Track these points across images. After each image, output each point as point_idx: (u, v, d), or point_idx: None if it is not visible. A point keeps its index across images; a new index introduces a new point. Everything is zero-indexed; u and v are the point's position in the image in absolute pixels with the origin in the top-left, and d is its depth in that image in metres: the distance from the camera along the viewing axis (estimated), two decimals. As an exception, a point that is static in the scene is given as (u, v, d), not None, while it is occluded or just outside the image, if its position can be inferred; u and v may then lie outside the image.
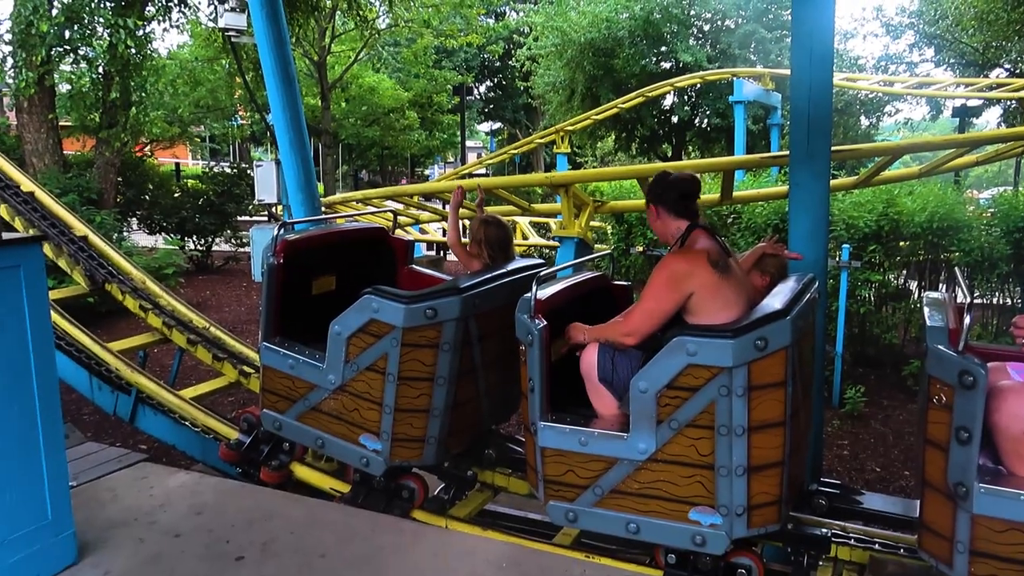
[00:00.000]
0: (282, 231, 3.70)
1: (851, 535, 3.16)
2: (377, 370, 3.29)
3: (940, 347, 2.38)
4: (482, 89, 35.93)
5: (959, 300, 2.89)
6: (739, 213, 7.91)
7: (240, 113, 22.51)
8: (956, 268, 3.21)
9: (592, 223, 8.19)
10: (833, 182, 6.57)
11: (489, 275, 3.50)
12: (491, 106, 35.70)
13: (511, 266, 3.72)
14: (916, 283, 7.57)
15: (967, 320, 2.36)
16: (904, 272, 7.52)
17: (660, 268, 2.86)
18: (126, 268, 6.44)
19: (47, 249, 6.25)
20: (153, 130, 13.44)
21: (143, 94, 12.28)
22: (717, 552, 2.76)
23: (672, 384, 2.68)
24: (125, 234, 12.59)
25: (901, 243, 7.15)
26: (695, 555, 2.89)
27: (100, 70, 11.87)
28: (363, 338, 3.31)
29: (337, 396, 3.44)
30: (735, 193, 7.32)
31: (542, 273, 3.09)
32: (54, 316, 5.16)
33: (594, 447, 2.84)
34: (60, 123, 12.37)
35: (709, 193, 8.19)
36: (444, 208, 9.70)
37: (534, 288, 2.94)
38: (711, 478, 2.68)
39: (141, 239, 14.19)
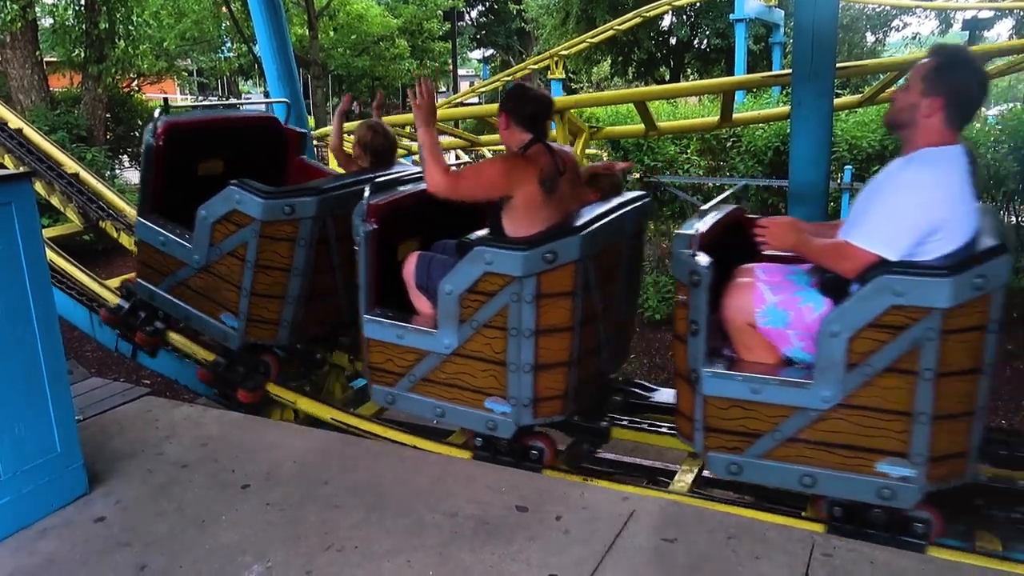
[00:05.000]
0: (163, 115, 3.95)
1: (636, 422, 3.54)
2: (238, 256, 3.60)
3: (680, 251, 2.63)
4: (474, 14, 34.78)
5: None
6: (739, 136, 7.76)
7: (228, 45, 21.89)
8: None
9: (588, 150, 8.06)
10: (836, 101, 6.42)
11: (351, 179, 3.74)
12: (483, 32, 34.63)
13: (382, 175, 3.87)
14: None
15: (698, 224, 2.68)
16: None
17: (499, 158, 3.12)
18: (120, 205, 6.36)
19: (39, 187, 6.17)
20: (142, 65, 13.05)
21: (130, 26, 11.90)
22: (506, 436, 3.09)
23: (472, 288, 2.95)
24: (117, 171, 12.43)
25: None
26: (496, 439, 3.17)
27: (83, 1, 11.47)
28: (226, 225, 3.59)
29: (202, 275, 3.75)
30: (735, 115, 7.17)
31: (381, 179, 3.37)
32: (51, 254, 5.14)
33: (408, 340, 3.16)
34: (45, 59, 12.03)
35: (708, 116, 8.00)
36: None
37: (366, 193, 3.15)
38: (503, 373, 2.99)
39: (133, 176, 14.01)
